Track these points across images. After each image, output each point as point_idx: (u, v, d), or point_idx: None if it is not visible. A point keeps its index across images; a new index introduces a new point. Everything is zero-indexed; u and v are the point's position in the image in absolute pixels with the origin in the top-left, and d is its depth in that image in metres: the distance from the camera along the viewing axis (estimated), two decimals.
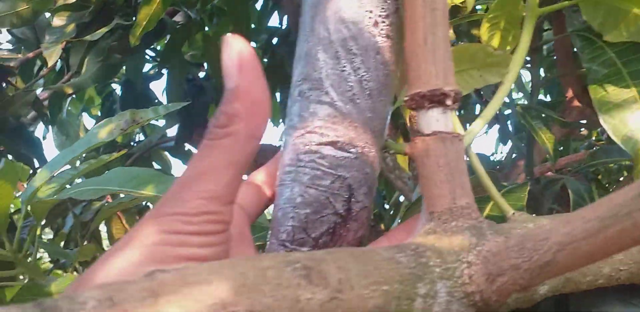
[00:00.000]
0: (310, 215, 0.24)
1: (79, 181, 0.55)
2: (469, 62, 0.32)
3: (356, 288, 0.17)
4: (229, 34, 0.19)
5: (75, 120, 1.30)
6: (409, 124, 0.33)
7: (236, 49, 0.18)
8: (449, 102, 0.22)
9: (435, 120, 0.22)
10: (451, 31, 0.34)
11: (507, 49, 0.34)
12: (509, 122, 1.03)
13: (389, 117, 0.26)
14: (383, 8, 0.24)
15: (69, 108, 1.27)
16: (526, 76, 1.62)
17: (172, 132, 1.27)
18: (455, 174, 0.22)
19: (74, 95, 1.18)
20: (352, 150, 0.24)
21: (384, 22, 0.24)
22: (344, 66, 0.24)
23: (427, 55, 0.22)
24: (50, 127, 1.18)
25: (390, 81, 0.25)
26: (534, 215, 0.27)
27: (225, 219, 0.18)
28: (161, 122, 1.27)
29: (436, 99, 0.22)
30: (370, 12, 0.24)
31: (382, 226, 1.13)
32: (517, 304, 0.23)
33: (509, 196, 0.30)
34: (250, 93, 0.18)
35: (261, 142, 0.20)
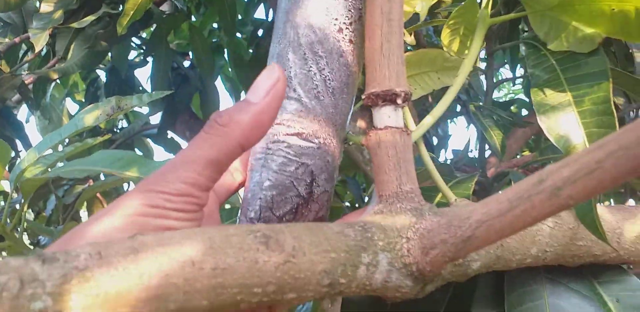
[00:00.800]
0: (275, 196, 0.27)
1: (61, 164, 0.58)
2: (429, 65, 0.35)
3: (308, 254, 0.20)
4: (275, 64, 0.22)
5: (59, 105, 1.30)
6: None
7: (275, 76, 0.21)
8: (399, 101, 0.25)
9: (387, 116, 0.26)
10: (412, 37, 0.36)
11: (465, 53, 0.37)
12: None
13: (350, 113, 0.29)
14: (347, 16, 0.27)
15: (53, 93, 1.28)
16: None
17: (155, 119, 1.29)
18: (402, 164, 0.25)
19: (58, 81, 1.19)
20: (315, 141, 0.27)
21: (347, 28, 0.27)
22: (311, 67, 0.27)
23: (382, 60, 0.25)
24: (33, 111, 1.19)
25: (352, 81, 0.28)
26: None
27: (201, 203, 0.21)
28: (144, 110, 1.29)
29: (388, 98, 0.25)
30: (336, 19, 0.27)
31: None
32: (453, 277, 0.26)
33: (457, 185, 0.34)
34: (262, 114, 0.21)
35: None
